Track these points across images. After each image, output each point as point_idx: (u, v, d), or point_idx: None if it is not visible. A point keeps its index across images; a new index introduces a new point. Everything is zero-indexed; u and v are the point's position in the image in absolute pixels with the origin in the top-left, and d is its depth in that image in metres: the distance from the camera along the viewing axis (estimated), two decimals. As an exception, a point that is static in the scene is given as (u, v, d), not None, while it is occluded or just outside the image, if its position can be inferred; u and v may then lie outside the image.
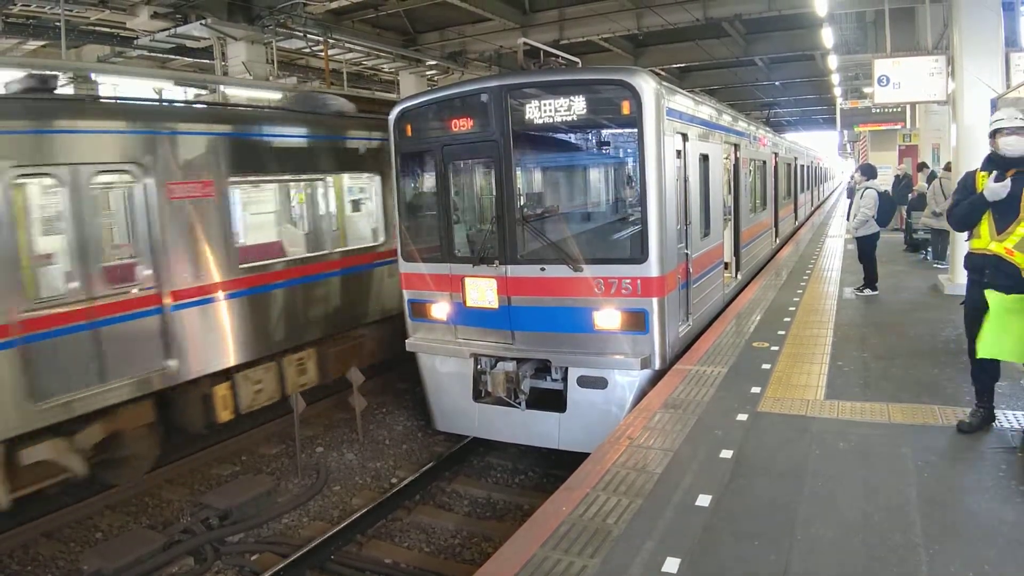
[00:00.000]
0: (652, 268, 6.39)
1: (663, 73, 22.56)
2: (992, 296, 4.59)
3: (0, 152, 5.75)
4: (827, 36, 15.48)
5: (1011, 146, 4.66)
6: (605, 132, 6.95)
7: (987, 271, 4.74)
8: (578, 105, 6.49)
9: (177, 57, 17.35)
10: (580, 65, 8.13)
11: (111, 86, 11.39)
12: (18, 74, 7.04)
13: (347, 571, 5.64)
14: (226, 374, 7.68)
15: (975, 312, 4.81)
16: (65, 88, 9.71)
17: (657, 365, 6.57)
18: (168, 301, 6.96)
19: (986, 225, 4.73)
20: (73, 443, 6.31)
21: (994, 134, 4.75)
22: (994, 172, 4.62)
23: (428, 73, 20.18)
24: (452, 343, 7.31)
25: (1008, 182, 4.59)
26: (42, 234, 6.77)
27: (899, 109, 19.37)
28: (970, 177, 4.92)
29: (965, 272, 5.06)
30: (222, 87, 13.00)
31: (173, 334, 6.98)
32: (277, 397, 8.31)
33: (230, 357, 7.66)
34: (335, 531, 5.99)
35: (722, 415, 5.49)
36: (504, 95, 6.71)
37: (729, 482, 4.36)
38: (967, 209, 4.83)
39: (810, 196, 26.53)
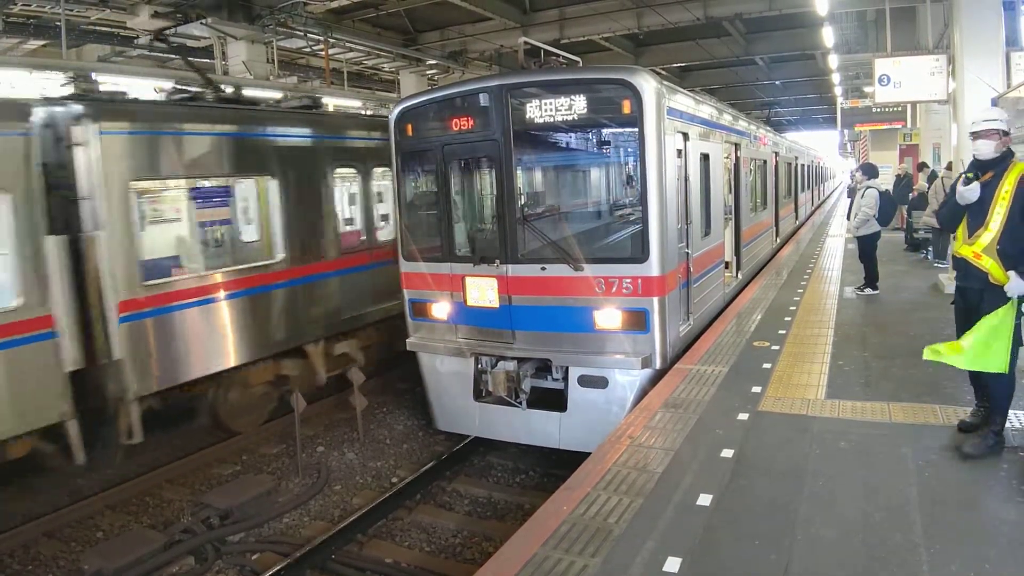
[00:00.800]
0: (653, 267, 6.39)
1: (664, 72, 22.55)
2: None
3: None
4: (828, 35, 15.48)
5: (979, 149, 4.70)
6: (606, 131, 6.95)
7: (958, 273, 4.89)
8: (579, 104, 6.49)
9: (177, 57, 17.33)
10: (580, 64, 8.12)
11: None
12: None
13: (348, 571, 5.64)
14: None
15: (961, 312, 4.94)
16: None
17: (658, 364, 6.57)
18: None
19: (962, 228, 4.79)
20: (357, 343, 9.48)
21: (972, 136, 4.79)
22: (963, 176, 4.68)
23: (428, 73, 20.17)
24: (453, 342, 7.31)
25: (975, 186, 4.62)
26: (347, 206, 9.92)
27: (900, 108, 19.40)
28: (960, 178, 4.95)
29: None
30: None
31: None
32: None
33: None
34: (336, 530, 6.00)
35: (723, 414, 5.49)
36: (504, 94, 6.71)
37: (730, 482, 4.36)
38: (947, 211, 4.96)
39: (811, 195, 26.52)
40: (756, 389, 6.05)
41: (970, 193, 4.62)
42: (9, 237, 6.03)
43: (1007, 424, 4.79)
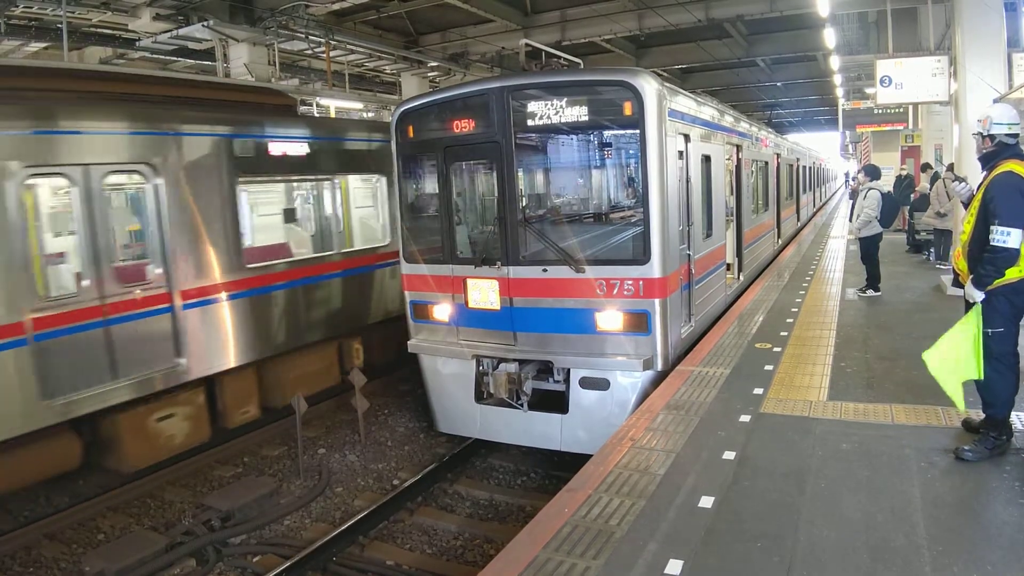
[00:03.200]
0: (654, 269, 6.39)
1: (665, 74, 22.55)
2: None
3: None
4: (829, 37, 15.48)
5: (977, 150, 4.77)
6: (607, 133, 6.95)
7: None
8: (580, 106, 6.49)
9: (179, 59, 17.37)
10: (582, 66, 8.13)
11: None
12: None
13: (349, 572, 5.64)
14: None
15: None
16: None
17: (659, 366, 6.56)
18: None
19: None
20: None
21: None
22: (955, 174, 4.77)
23: (430, 75, 20.17)
24: (454, 344, 7.30)
25: (963, 185, 4.74)
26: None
27: (901, 110, 19.39)
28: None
29: None
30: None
31: None
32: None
33: None
34: (337, 532, 5.99)
35: (725, 416, 5.48)
36: (506, 96, 6.71)
37: (732, 483, 4.35)
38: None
39: (812, 197, 26.51)
40: (758, 391, 6.04)
41: (961, 188, 4.75)
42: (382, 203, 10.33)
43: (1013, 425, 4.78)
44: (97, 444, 7.06)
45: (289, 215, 9.70)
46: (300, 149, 8.97)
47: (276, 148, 8.64)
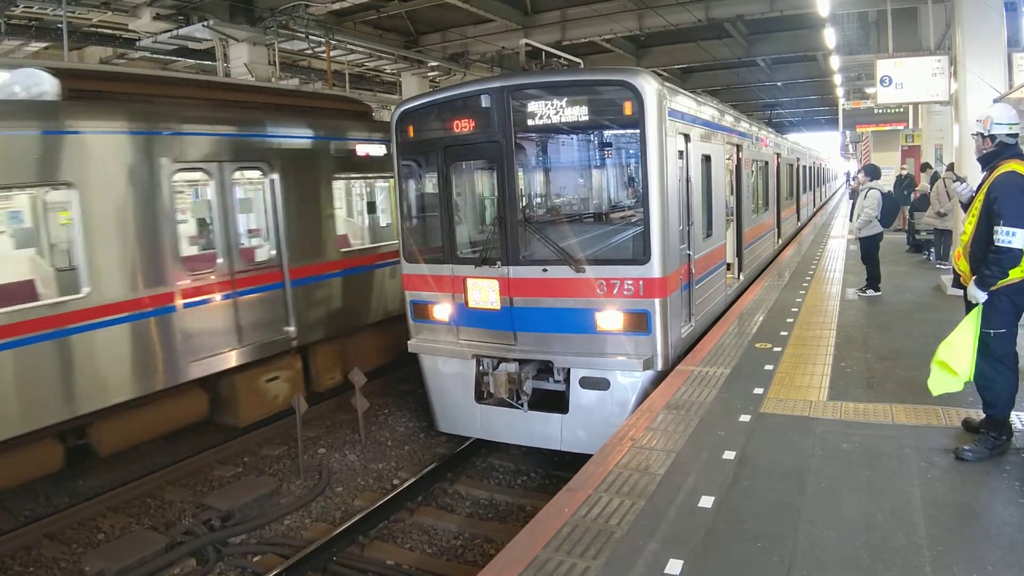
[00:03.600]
0: (654, 269, 6.39)
1: (665, 74, 22.56)
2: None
3: None
4: (829, 37, 15.50)
5: (976, 151, 4.77)
6: (607, 133, 6.95)
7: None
8: (580, 106, 6.49)
9: (179, 59, 17.38)
10: (582, 66, 8.13)
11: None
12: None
13: (349, 572, 5.64)
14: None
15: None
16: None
17: (660, 366, 6.56)
18: None
19: None
20: None
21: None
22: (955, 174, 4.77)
23: (430, 74, 20.18)
24: (454, 344, 7.30)
25: (963, 185, 4.77)
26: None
27: (902, 109, 19.40)
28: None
29: None
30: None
31: None
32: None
33: None
34: (337, 532, 5.99)
35: (725, 416, 5.48)
36: (506, 96, 6.71)
37: (732, 483, 4.35)
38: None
39: (812, 197, 26.51)
40: (758, 391, 6.04)
41: (962, 189, 4.75)
42: None
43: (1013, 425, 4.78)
44: (217, 401, 8.22)
45: (371, 207, 11.28)
46: (378, 150, 10.21)
47: (360, 149, 10.03)
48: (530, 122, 6.71)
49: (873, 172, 10.45)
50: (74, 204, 6.55)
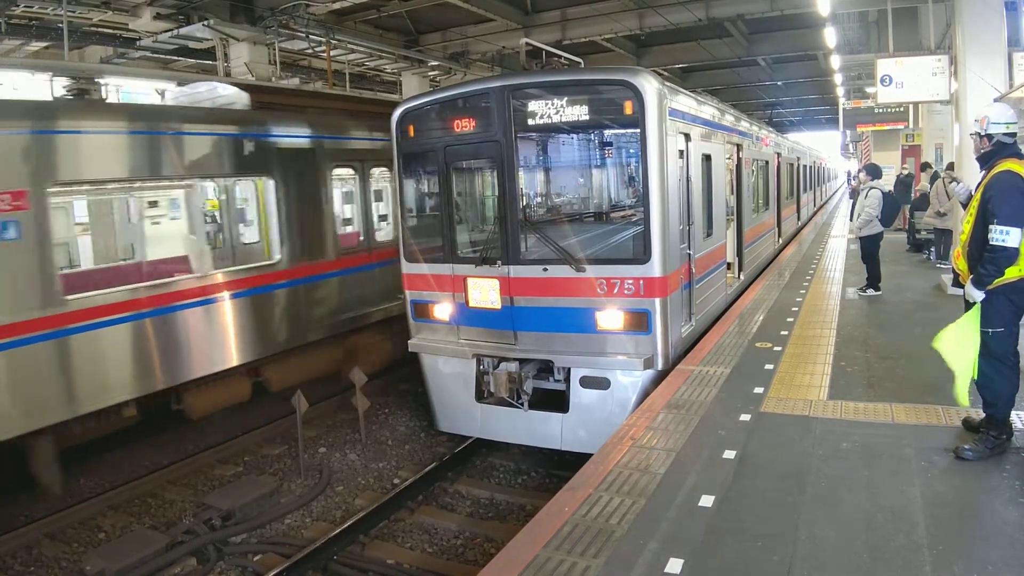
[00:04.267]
0: (655, 268, 6.39)
1: (665, 73, 22.55)
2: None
3: None
4: (830, 36, 15.49)
5: (975, 150, 4.79)
6: (608, 132, 6.96)
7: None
8: (580, 105, 6.49)
9: (180, 58, 17.38)
10: (582, 65, 8.12)
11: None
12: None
13: (350, 572, 5.64)
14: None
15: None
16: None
17: (660, 365, 6.56)
18: None
19: None
20: None
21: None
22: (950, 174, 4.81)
23: (431, 74, 20.19)
24: (455, 344, 7.31)
25: (961, 185, 4.85)
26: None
27: (902, 109, 19.37)
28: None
29: None
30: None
31: None
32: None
33: None
34: (338, 532, 5.99)
35: (725, 415, 5.48)
36: (507, 95, 6.71)
37: (732, 483, 4.35)
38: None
39: (813, 196, 26.50)
40: (758, 390, 6.04)
41: (960, 190, 4.82)
42: None
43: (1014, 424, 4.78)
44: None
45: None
46: None
47: None
48: (531, 121, 6.71)
49: (874, 171, 10.45)
50: (270, 191, 8.44)
